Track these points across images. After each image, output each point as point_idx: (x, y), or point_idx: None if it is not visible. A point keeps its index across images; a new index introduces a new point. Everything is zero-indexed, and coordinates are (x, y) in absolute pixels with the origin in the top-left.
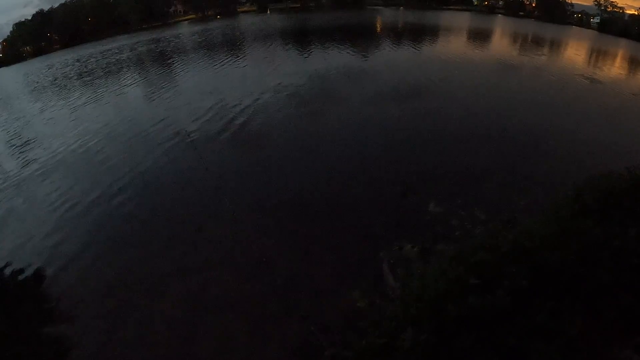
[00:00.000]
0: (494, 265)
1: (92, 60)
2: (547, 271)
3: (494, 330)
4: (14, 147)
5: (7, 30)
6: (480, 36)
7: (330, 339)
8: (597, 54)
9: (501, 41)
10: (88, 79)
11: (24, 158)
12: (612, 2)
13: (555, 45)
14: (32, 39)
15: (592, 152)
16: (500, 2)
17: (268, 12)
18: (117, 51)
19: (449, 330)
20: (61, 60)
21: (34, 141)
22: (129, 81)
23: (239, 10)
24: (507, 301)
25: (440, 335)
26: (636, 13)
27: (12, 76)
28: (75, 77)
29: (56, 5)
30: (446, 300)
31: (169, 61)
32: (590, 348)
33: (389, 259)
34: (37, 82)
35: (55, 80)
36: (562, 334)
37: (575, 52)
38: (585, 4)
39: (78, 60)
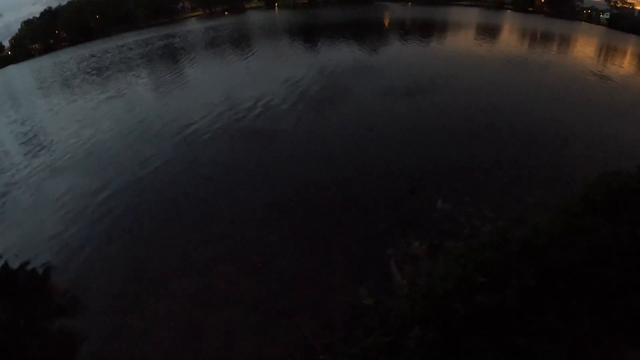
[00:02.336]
0: (502, 263)
1: (107, 55)
2: (555, 270)
3: (501, 329)
4: (32, 143)
5: (15, 28)
6: (488, 32)
7: (336, 335)
8: (607, 50)
9: (510, 37)
10: (108, 73)
11: (39, 153)
12: None
13: (565, 41)
14: (41, 36)
15: (601, 150)
16: None
17: (276, 8)
18: (132, 46)
19: (455, 329)
20: (73, 56)
21: (47, 138)
22: (144, 78)
23: (246, 6)
24: (514, 300)
25: (447, 334)
26: None
27: (24, 73)
28: (94, 73)
29: (64, 2)
30: (453, 299)
31: (184, 57)
32: (597, 349)
33: (396, 256)
34: (52, 78)
35: (72, 76)
36: (569, 334)
37: (584, 48)
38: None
39: (93, 56)
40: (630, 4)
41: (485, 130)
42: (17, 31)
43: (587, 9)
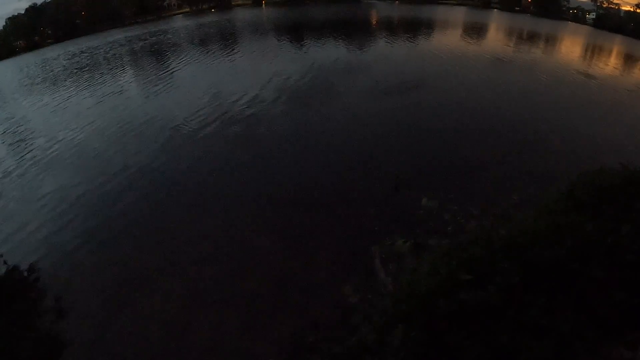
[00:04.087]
0: (486, 260)
1: (100, 51)
2: (539, 267)
3: (486, 326)
4: (24, 143)
5: (0, 24)
6: (475, 31)
7: (321, 334)
8: (593, 50)
9: (496, 36)
10: (101, 71)
11: (29, 154)
12: None
13: (551, 40)
14: (26, 33)
15: (586, 148)
16: None
17: (263, 5)
18: (123, 43)
19: (440, 327)
20: (61, 53)
21: (39, 138)
22: (137, 76)
23: (233, 3)
24: (498, 297)
25: (431, 331)
26: (632, 9)
27: (12, 70)
28: (87, 70)
29: None
30: (437, 296)
31: (176, 54)
32: (582, 345)
33: (381, 253)
34: (43, 75)
35: (64, 73)
36: (554, 331)
37: (570, 47)
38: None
39: (83, 52)
40: (616, 4)
41: (471, 128)
42: (2, 27)
43: (573, 8)
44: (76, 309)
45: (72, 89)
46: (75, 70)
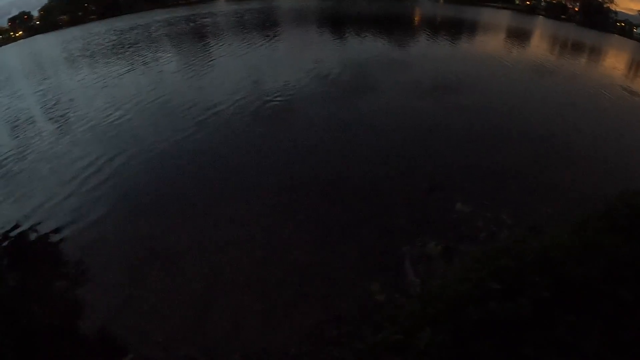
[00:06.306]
0: (517, 272)
1: (151, 29)
2: (570, 284)
3: (512, 337)
4: (66, 114)
5: None
6: (519, 36)
7: (344, 329)
8: (638, 66)
9: (540, 43)
10: (155, 47)
11: (67, 124)
12: None
13: (595, 52)
14: (69, 8)
15: (625, 167)
16: (542, 3)
17: None
18: (173, 22)
19: (466, 334)
20: (108, 29)
21: (81, 109)
22: (191, 54)
23: None
24: (527, 310)
25: (457, 337)
26: None
27: (57, 42)
28: (140, 47)
29: None
30: (466, 303)
31: (228, 37)
32: None
33: (411, 254)
34: (100, 48)
35: (120, 47)
36: (578, 350)
37: (615, 61)
38: (629, 13)
39: (133, 29)
40: None
41: (508, 135)
42: (47, 1)
43: (620, 21)
44: (97, 279)
45: (124, 64)
46: (128, 46)
